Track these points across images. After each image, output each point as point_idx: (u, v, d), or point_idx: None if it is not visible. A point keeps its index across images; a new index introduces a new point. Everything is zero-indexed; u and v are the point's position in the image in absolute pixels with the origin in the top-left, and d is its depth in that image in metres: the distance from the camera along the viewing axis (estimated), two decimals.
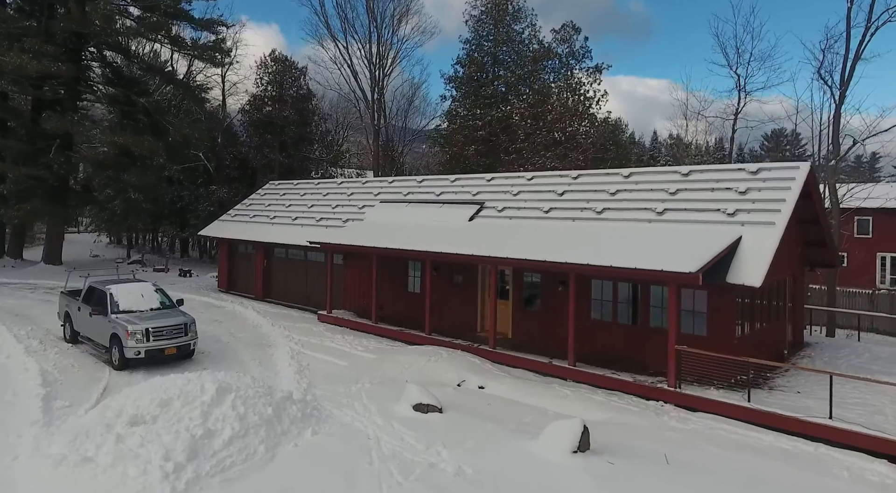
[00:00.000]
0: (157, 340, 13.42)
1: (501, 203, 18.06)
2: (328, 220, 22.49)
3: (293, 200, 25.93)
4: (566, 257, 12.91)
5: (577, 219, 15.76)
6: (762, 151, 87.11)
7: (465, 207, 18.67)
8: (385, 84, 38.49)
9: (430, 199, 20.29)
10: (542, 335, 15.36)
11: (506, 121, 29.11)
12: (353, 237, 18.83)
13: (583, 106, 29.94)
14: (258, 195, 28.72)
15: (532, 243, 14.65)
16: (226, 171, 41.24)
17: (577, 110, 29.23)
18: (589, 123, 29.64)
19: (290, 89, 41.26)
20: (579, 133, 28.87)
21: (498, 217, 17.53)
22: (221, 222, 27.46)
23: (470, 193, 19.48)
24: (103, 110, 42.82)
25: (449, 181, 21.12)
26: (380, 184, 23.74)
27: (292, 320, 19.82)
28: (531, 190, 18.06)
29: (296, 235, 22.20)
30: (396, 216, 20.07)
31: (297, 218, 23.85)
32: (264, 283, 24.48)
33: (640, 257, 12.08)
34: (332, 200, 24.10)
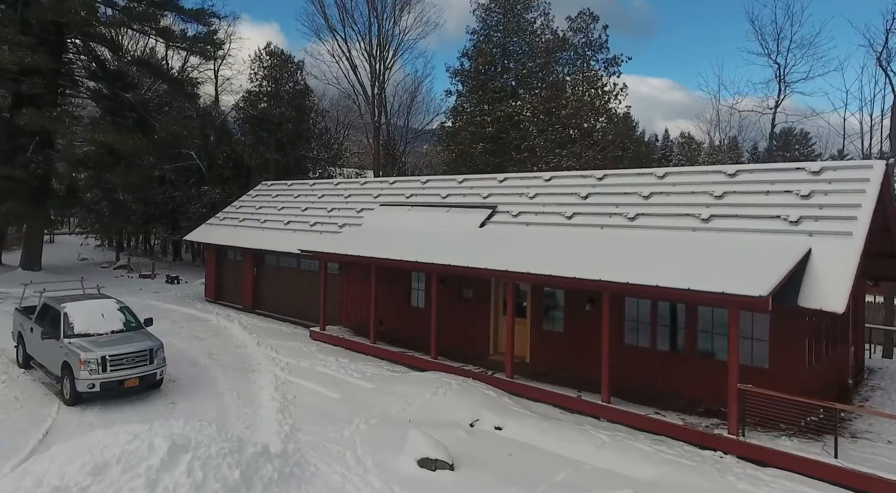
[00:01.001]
0: (115, 369, 11.38)
1: (516, 207, 16.02)
2: (323, 225, 20.46)
3: (286, 202, 23.90)
4: (599, 273, 10.84)
5: (606, 226, 13.70)
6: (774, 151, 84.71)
7: (474, 211, 16.63)
8: (386, 78, 36.44)
9: (435, 202, 18.24)
10: (566, 361, 13.31)
11: (516, 117, 27.03)
12: (350, 245, 16.79)
13: (600, 100, 27.86)
14: (249, 197, 26.70)
15: (554, 255, 12.59)
16: (219, 170, 39.26)
17: (594, 105, 27.15)
18: (606, 118, 27.56)
19: (286, 85, 39.25)
20: (596, 130, 26.78)
21: (513, 223, 15.48)
22: (209, 226, 25.44)
23: (480, 196, 17.43)
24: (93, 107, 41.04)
25: (456, 182, 19.07)
26: (380, 185, 21.69)
27: (281, 336, 17.78)
28: (550, 192, 16.02)
29: (287, 242, 20.16)
30: (398, 221, 18.02)
31: (289, 222, 21.82)
32: (254, 293, 22.45)
33: (691, 275, 10.01)
34: (327, 202, 22.07)
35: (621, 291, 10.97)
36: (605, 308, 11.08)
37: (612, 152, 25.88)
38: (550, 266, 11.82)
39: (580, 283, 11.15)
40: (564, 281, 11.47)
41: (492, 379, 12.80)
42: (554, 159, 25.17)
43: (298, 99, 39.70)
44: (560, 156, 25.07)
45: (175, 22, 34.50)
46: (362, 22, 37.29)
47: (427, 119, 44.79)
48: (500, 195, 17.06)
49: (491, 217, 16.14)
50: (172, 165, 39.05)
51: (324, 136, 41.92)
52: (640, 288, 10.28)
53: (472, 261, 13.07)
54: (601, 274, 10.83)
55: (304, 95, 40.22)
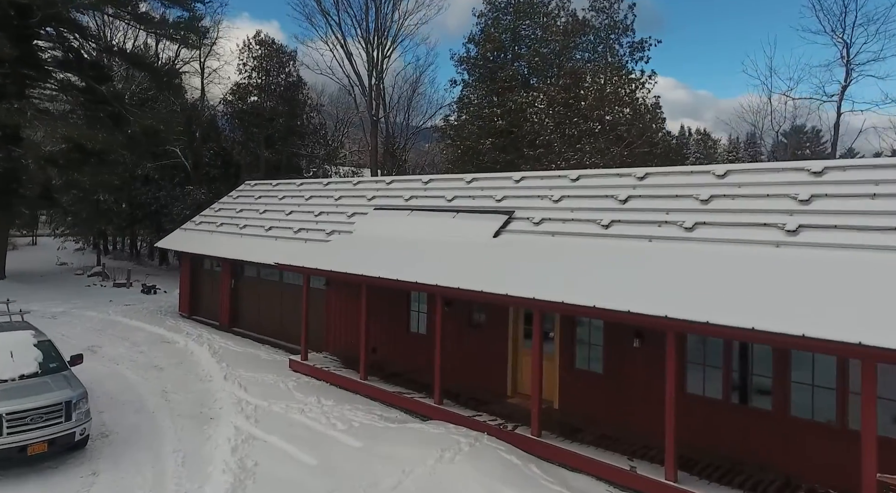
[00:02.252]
0: (15, 431, 8.58)
1: (538, 213, 13.18)
2: (309, 231, 17.64)
3: (269, 205, 21.08)
4: (664, 307, 8.01)
5: (656, 238, 10.86)
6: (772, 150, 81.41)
7: (487, 217, 13.80)
8: (385, 68, 33.47)
9: (439, 206, 15.42)
10: (606, 409, 10.47)
11: (529, 108, 24.15)
12: (336, 259, 13.98)
13: (625, 90, 24.98)
14: (230, 198, 23.89)
15: (593, 276, 9.77)
16: (205, 169, 36.45)
17: (618, 95, 24.26)
18: (632, 110, 24.68)
19: (277, 77, 36.46)
20: (621, 123, 23.91)
21: (535, 233, 12.65)
22: (184, 232, 22.64)
23: (493, 199, 14.60)
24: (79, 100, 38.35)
25: (464, 183, 16.23)
26: (375, 186, 18.85)
27: (256, 366, 14.96)
28: (579, 195, 13.18)
29: (267, 251, 17.35)
30: (395, 228, 15.19)
31: (270, 228, 19.00)
32: (231, 309, 19.64)
33: (794, 312, 7.20)
34: (315, 205, 19.24)
35: (697, 331, 8.15)
36: (671, 353, 8.23)
37: (638, 148, 23.03)
38: (592, 293, 8.98)
39: (638, 319, 8.31)
40: (617, 316, 8.62)
41: (513, 437, 9.95)
42: (574, 156, 22.31)
43: (291, 92, 36.94)
44: (582, 152, 22.18)
45: (154, 7, 31.77)
46: (358, 5, 34.29)
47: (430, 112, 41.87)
48: (518, 198, 14.24)
49: (507, 225, 13.31)
50: (155, 163, 36.41)
51: (319, 132, 39.10)
52: (728, 331, 7.43)
53: (488, 284, 10.23)
54: (666, 308, 7.99)
55: (297, 87, 37.44)
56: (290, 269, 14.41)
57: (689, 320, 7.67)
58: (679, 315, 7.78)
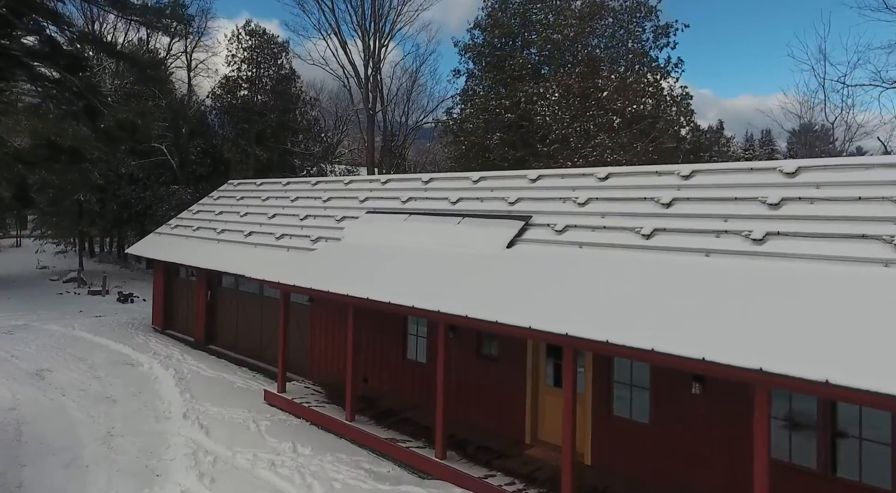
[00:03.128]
0: None
1: (560, 219, 10.97)
2: (292, 237, 15.43)
3: (251, 206, 18.86)
4: (755, 356, 5.78)
5: (714, 252, 8.63)
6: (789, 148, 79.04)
7: (498, 223, 11.58)
8: (382, 58, 31.14)
9: (441, 209, 13.21)
10: (656, 470, 8.25)
11: (541, 100, 21.83)
12: (320, 272, 11.76)
13: (650, 78, 22.61)
14: (210, 200, 21.70)
15: (641, 302, 7.55)
16: (192, 167, 34.23)
17: (641, 85, 21.93)
18: (655, 101, 22.37)
19: (268, 69, 34.23)
20: (644, 115, 21.61)
21: (557, 243, 10.43)
22: (157, 236, 20.43)
23: (505, 202, 12.39)
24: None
25: (470, 182, 14.00)
26: (368, 186, 16.61)
27: (227, 397, 12.74)
28: (610, 197, 10.96)
29: (244, 260, 15.14)
30: (389, 236, 12.97)
31: (250, 233, 16.78)
32: (207, 324, 17.42)
33: None
34: (300, 207, 17.03)
35: (819, 394, 5.93)
36: (763, 412, 5.99)
37: (663, 143, 20.71)
38: (646, 329, 6.76)
39: (720, 371, 6.08)
40: (688, 365, 6.38)
41: None
42: (594, 152, 20.06)
43: (283, 85, 34.68)
44: (602, 147, 19.89)
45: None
46: None
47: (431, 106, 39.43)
48: (535, 201, 12.02)
49: (523, 233, 11.09)
50: (140, 161, 34.31)
51: (313, 128, 36.84)
52: (873, 397, 5.19)
53: (503, 311, 8.01)
54: (760, 356, 5.76)
55: (290, 80, 35.19)
56: (267, 284, 12.19)
57: (805, 378, 5.42)
58: (782, 371, 5.55)
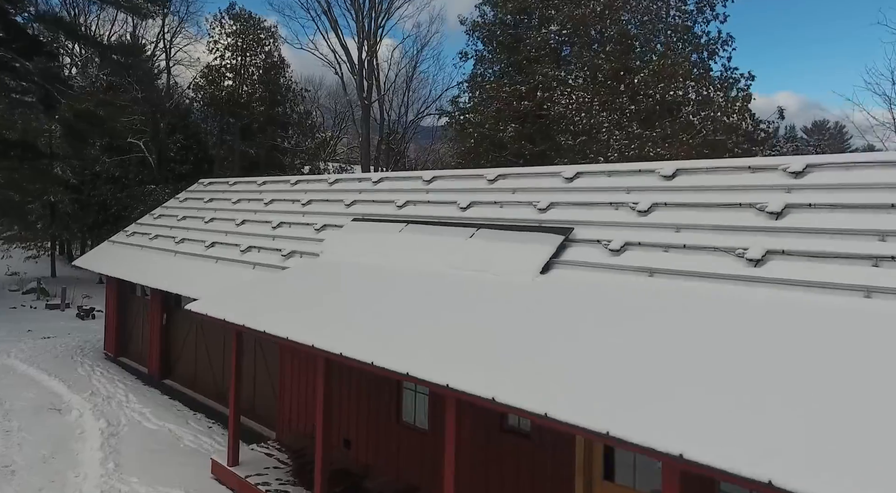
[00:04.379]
0: None
1: (615, 232, 7.92)
2: (261, 250, 12.38)
3: (219, 211, 15.82)
4: None
5: (877, 290, 5.53)
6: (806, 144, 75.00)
7: (526, 238, 8.52)
8: (378, 40, 27.84)
9: (448, 217, 10.17)
10: None
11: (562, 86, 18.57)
12: (283, 307, 8.69)
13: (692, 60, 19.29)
14: (176, 202, 18.67)
15: (798, 391, 4.43)
16: (171, 165, 31.20)
17: (683, 65, 18.61)
18: (697, 85, 19.03)
19: (255, 57, 31.20)
20: (688, 101, 18.38)
21: (613, 268, 7.38)
22: (111, 245, 17.41)
23: (533, 207, 9.33)
24: None
25: (485, 182, 10.91)
26: (357, 186, 13.53)
27: (163, 466, 9.66)
28: (684, 202, 7.88)
29: (200, 278, 12.15)
30: (380, 251, 9.92)
31: (213, 244, 13.73)
32: (162, 353, 14.36)
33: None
34: (274, 212, 13.98)
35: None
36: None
37: (711, 135, 17.37)
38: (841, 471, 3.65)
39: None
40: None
41: None
42: (631, 145, 16.90)
43: (271, 75, 31.65)
44: (642, 139, 16.66)
45: None
46: None
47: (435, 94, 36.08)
48: (574, 207, 8.95)
49: (563, 252, 8.03)
50: (114, 158, 31.38)
51: (305, 122, 33.77)
52: None
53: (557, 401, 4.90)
54: None
55: (279, 69, 32.14)
56: (208, 319, 9.11)
57: None
58: None
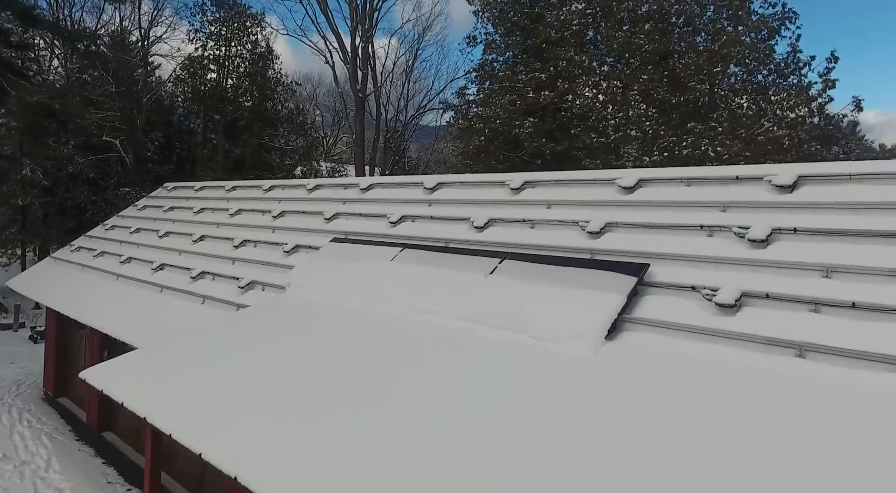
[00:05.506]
0: None
1: (714, 272, 5.19)
2: (215, 278, 9.64)
3: (178, 222, 13.12)
4: None
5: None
6: None
7: (577, 276, 5.77)
8: (375, 25, 24.95)
9: (458, 240, 7.48)
10: None
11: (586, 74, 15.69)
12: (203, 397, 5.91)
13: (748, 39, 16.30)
14: (134, 210, 15.94)
15: None
16: (147, 165, 28.47)
17: (737, 49, 15.58)
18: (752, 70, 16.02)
19: (241, 46, 28.45)
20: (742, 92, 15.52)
21: (727, 336, 4.58)
22: (53, 262, 14.66)
23: (581, 229, 6.59)
24: None
25: (507, 191, 8.16)
26: (342, 194, 10.77)
27: None
28: (818, 228, 5.09)
29: (134, 314, 9.42)
30: (363, 289, 7.19)
31: (161, 267, 10.98)
32: (102, 399, 11.54)
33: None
34: (239, 226, 11.25)
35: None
36: None
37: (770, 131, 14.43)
38: None
39: None
40: None
41: None
42: (680, 143, 14.01)
43: (258, 67, 28.90)
44: (694, 134, 13.78)
45: None
46: None
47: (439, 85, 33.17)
48: (644, 230, 6.23)
49: (636, 301, 5.28)
50: (87, 157, 28.73)
51: (295, 118, 30.99)
52: None
53: None
54: None
55: (267, 61, 29.37)
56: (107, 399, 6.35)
57: None
58: None
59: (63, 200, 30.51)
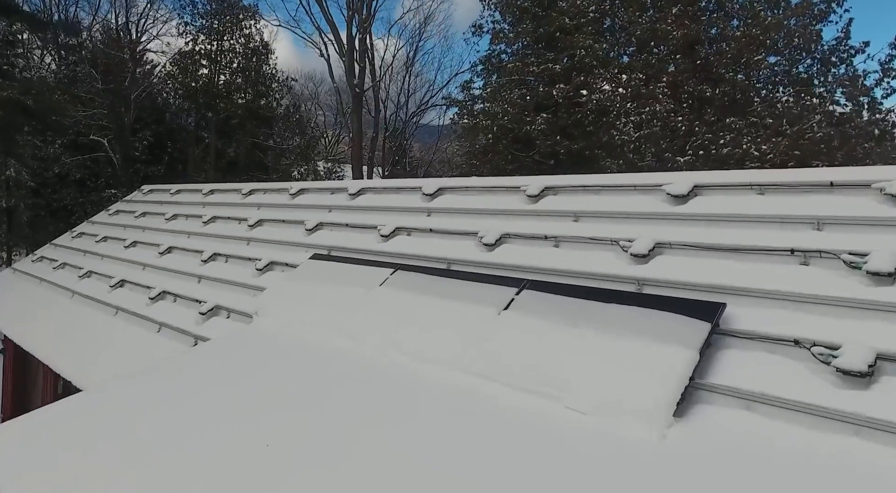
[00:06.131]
0: None
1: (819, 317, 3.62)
2: (176, 300, 8.19)
3: (147, 230, 11.71)
4: None
5: None
6: None
7: (623, 317, 4.25)
8: (372, 13, 23.38)
9: (463, 261, 5.98)
10: None
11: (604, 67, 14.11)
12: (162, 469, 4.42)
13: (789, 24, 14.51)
14: (106, 215, 14.56)
15: None
16: (136, 165, 27.09)
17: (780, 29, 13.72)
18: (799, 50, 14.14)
19: (233, 40, 27.02)
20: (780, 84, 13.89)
21: (875, 427, 3.04)
22: (13, 274, 13.21)
23: (620, 249, 5.06)
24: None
25: (523, 198, 6.68)
26: (328, 200, 9.32)
27: None
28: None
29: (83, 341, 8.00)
30: (345, 322, 5.70)
31: (119, 284, 9.54)
32: None
33: None
34: (211, 236, 9.83)
35: None
36: None
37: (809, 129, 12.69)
38: None
39: None
40: None
41: None
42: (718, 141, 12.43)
43: (252, 62, 27.48)
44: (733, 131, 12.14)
45: None
46: None
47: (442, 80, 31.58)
48: (706, 254, 4.69)
49: (710, 355, 3.76)
50: (74, 157, 27.45)
51: (291, 116, 29.55)
52: None
53: None
54: None
55: (261, 55, 27.94)
56: None
57: None
58: None
59: (49, 202, 29.32)
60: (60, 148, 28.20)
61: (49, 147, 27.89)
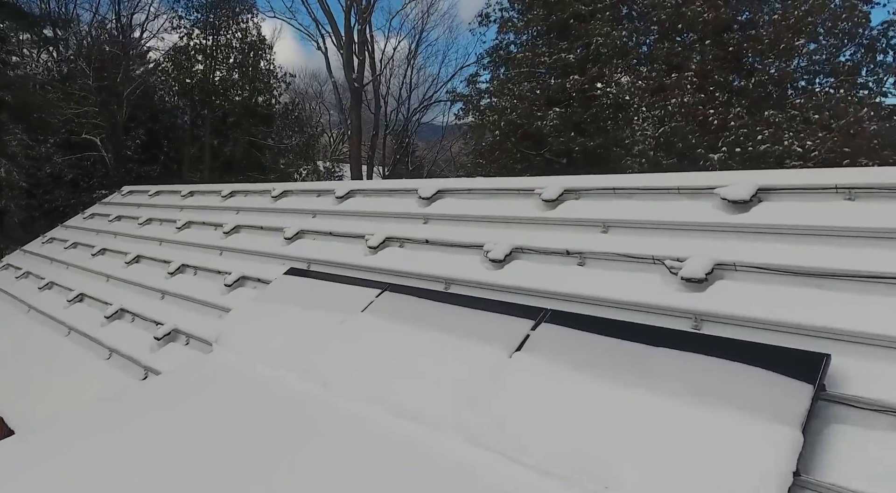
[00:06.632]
0: None
1: None
2: (134, 320, 7.07)
3: (119, 236, 10.64)
4: None
5: None
6: None
7: (680, 367, 3.05)
8: (371, 3, 22.14)
9: (464, 281, 4.82)
10: None
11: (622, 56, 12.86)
12: None
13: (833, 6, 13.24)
14: (80, 219, 13.61)
15: None
16: (129, 165, 26.04)
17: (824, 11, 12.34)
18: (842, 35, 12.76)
19: (229, 34, 25.95)
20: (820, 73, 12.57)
21: None
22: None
23: (667, 270, 3.88)
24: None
25: (539, 203, 5.51)
26: (313, 204, 8.20)
27: None
28: None
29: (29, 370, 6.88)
30: (319, 355, 4.58)
31: (79, 297, 8.45)
32: None
33: None
34: (182, 244, 8.75)
35: None
36: None
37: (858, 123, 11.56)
38: None
39: None
40: None
41: None
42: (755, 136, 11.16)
43: (249, 57, 26.40)
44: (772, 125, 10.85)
45: None
46: None
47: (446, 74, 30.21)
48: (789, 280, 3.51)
49: (814, 429, 2.55)
50: (66, 157, 26.50)
51: (290, 114, 28.45)
52: None
53: None
54: None
55: (258, 50, 26.85)
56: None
57: None
58: None
59: (42, 203, 28.43)
60: (52, 147, 27.29)
61: (41, 146, 27.01)
